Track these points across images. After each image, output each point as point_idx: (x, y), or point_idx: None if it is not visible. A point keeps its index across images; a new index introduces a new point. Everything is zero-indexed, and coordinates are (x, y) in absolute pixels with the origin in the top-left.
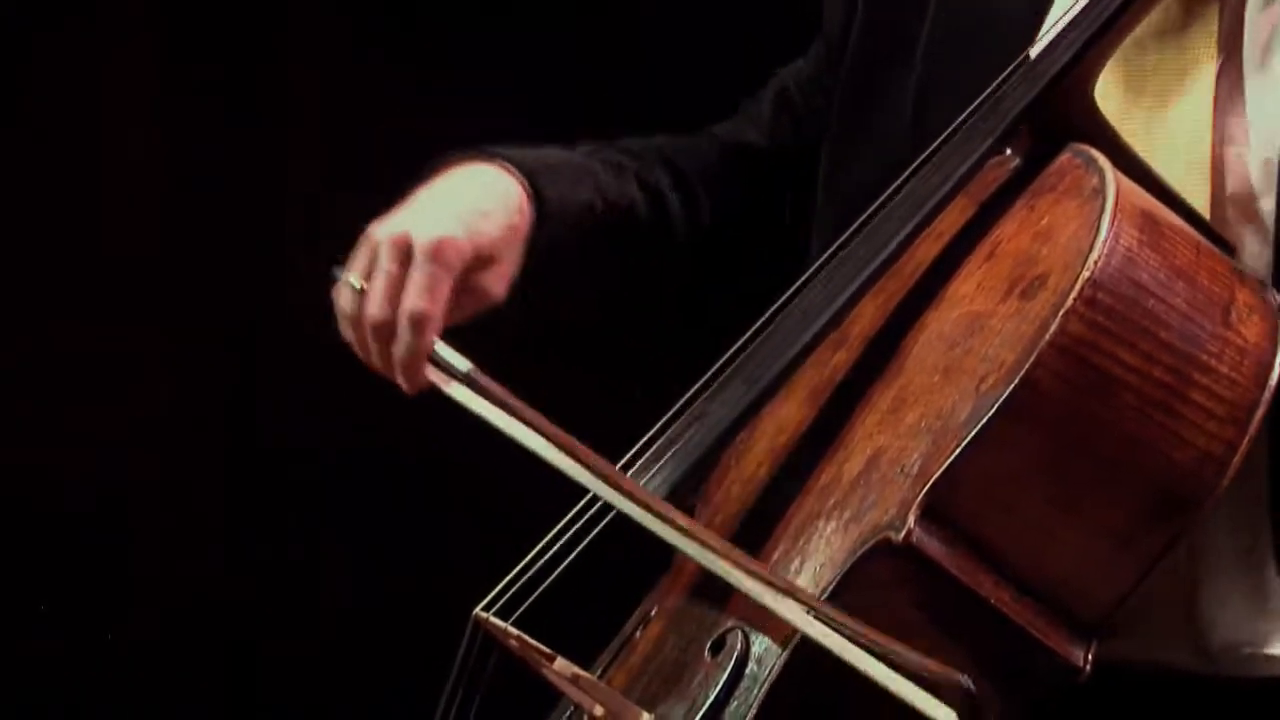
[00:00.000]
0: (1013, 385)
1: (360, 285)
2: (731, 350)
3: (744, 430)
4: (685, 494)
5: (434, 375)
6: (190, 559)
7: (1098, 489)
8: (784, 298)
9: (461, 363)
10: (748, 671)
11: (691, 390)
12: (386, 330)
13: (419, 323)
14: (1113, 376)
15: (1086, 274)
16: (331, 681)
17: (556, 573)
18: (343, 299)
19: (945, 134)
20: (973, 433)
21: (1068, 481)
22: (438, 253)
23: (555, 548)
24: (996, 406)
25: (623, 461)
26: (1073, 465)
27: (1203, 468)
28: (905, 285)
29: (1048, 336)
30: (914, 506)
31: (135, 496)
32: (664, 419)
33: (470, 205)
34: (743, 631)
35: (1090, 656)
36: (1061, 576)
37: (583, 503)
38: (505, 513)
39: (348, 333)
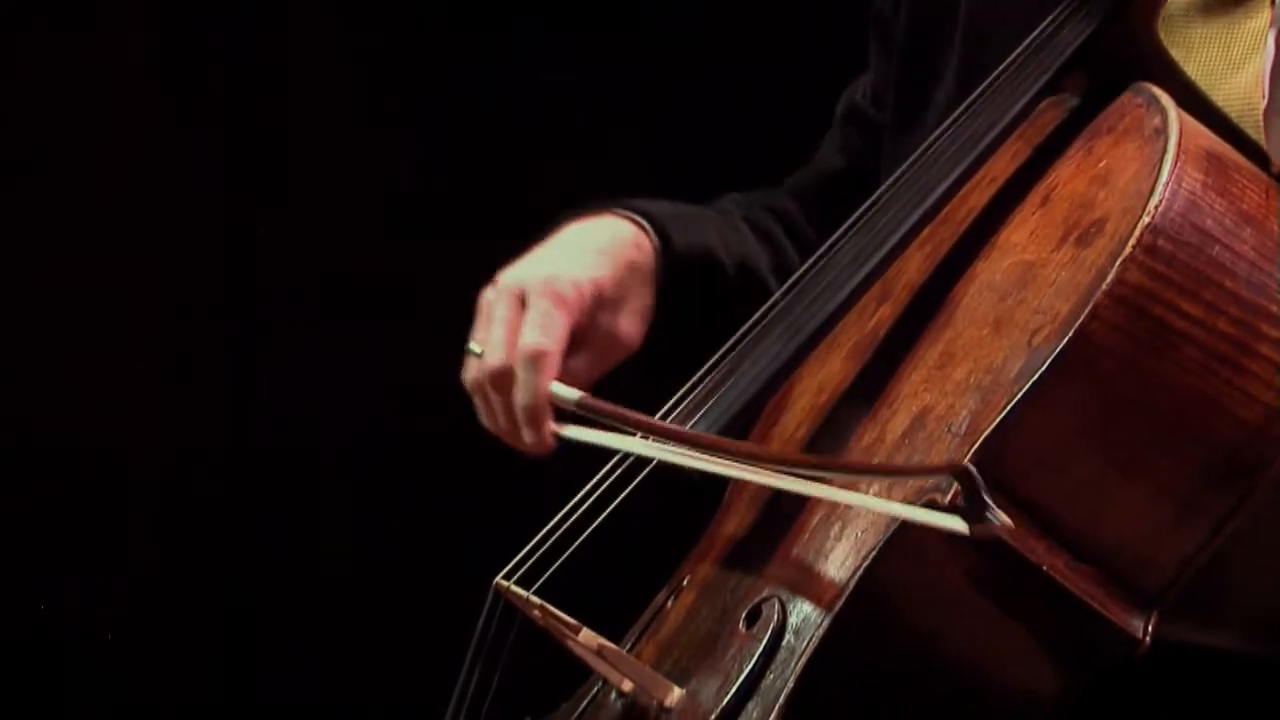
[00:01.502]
0: (1067, 338)
1: (479, 351)
2: (771, 300)
3: (783, 386)
4: None
5: (568, 431)
6: (197, 529)
7: (1157, 449)
8: (826, 245)
9: (570, 394)
10: (784, 643)
11: (729, 342)
12: (505, 379)
13: (535, 359)
14: (1174, 329)
15: (1147, 219)
16: (350, 655)
17: (581, 539)
18: (467, 370)
19: (995, 72)
20: (1024, 389)
21: (1125, 441)
22: (548, 287)
23: (580, 512)
24: (1049, 361)
25: (658, 416)
26: (1131, 423)
27: (1271, 426)
28: (954, 234)
29: (1105, 286)
30: None
31: (134, 472)
32: (700, 372)
33: (585, 246)
34: (779, 601)
35: (1150, 628)
36: (1119, 542)
37: (609, 465)
38: (528, 475)
39: (478, 404)
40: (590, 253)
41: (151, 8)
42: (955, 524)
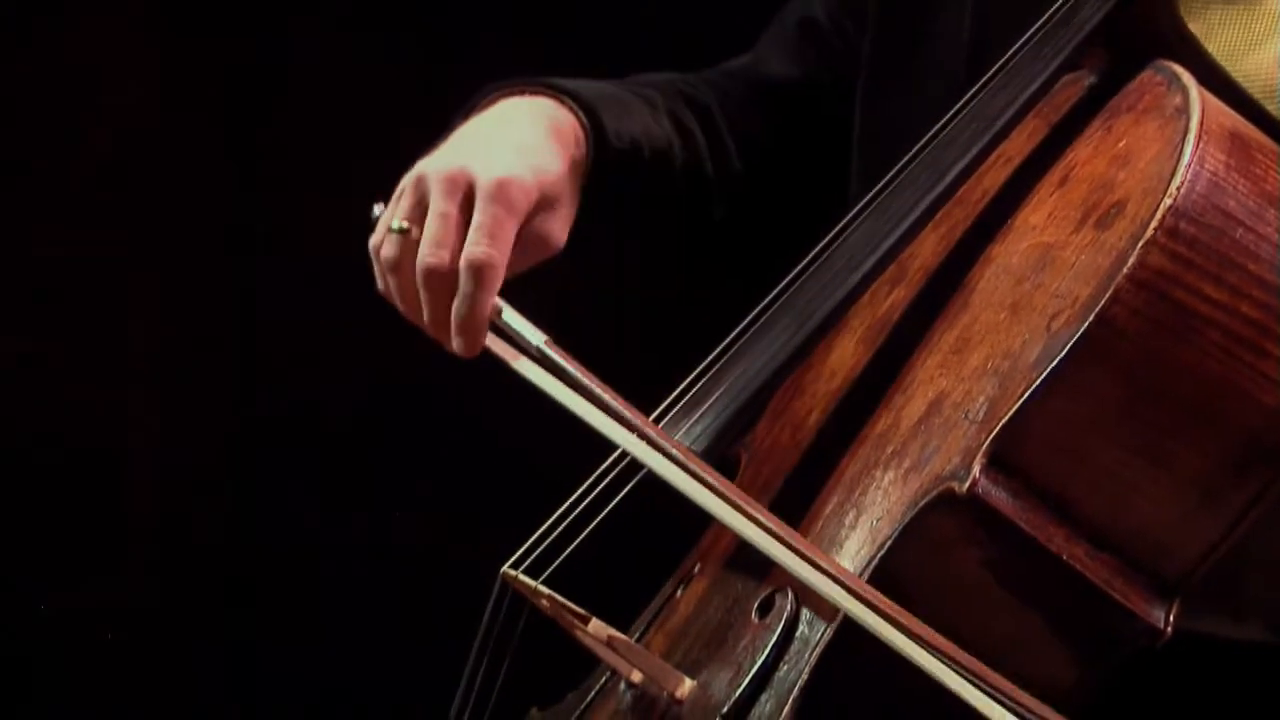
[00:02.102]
0: (1087, 323)
1: (406, 228)
2: (780, 286)
3: (794, 373)
4: (729, 442)
5: (495, 345)
6: (197, 529)
7: (1179, 435)
8: (837, 228)
9: (534, 334)
10: (798, 634)
11: (736, 330)
12: (442, 281)
13: (482, 272)
14: (1196, 313)
15: (1168, 201)
16: (356, 647)
17: (590, 527)
18: (385, 245)
19: (1013, 50)
20: (1043, 375)
21: (1146, 427)
22: (501, 192)
23: (589, 499)
24: (1069, 346)
25: (662, 407)
26: (1151, 410)
27: None
28: (970, 215)
29: (1125, 269)
30: (979, 455)
31: (134, 472)
32: (706, 361)
33: (530, 140)
34: (793, 590)
35: (1172, 618)
36: (1140, 531)
37: (618, 452)
38: (536, 461)
39: (388, 283)
40: (537, 149)
41: (151, 8)
42: None
